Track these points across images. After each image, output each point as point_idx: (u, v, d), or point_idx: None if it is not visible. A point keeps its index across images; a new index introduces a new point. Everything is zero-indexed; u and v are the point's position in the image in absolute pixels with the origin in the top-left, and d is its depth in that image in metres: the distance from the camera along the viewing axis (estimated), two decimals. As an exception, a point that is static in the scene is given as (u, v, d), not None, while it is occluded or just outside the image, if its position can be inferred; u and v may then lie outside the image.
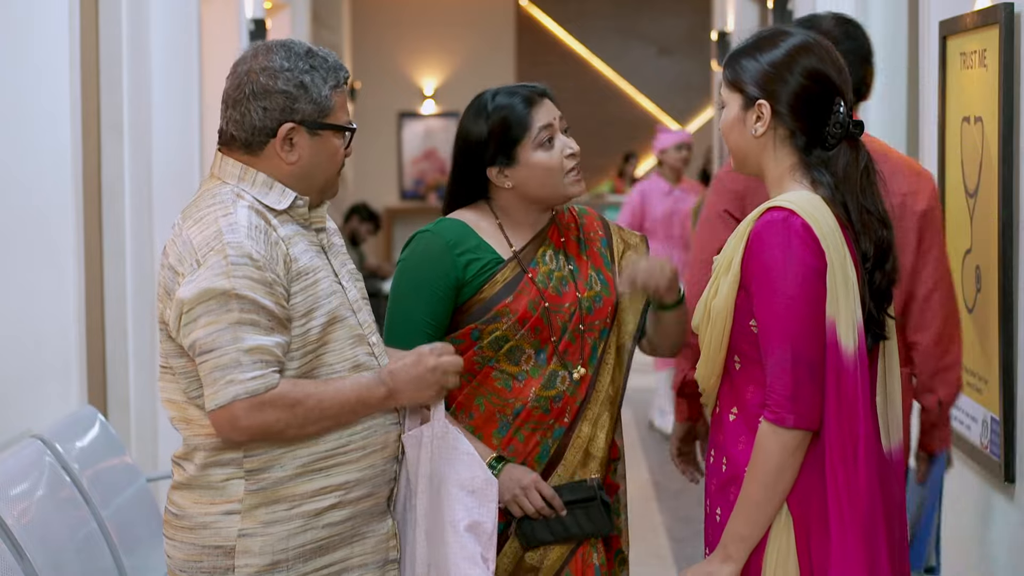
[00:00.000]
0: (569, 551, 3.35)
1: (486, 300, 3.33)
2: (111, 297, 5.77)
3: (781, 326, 2.80)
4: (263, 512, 2.89)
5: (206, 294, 2.79)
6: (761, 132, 2.90)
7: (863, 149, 2.92)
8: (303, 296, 2.89)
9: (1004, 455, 3.53)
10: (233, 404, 2.79)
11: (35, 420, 4.58)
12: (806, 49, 2.91)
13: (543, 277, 3.35)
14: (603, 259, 3.44)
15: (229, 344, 2.78)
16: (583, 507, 3.32)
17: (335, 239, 3.09)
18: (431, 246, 3.33)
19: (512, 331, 3.31)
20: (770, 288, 2.81)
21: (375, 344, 3.02)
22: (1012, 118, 3.45)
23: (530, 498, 3.29)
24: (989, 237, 3.57)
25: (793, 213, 2.82)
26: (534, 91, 3.36)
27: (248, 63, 2.93)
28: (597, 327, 3.37)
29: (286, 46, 2.94)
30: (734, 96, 2.95)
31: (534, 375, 3.33)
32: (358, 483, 2.95)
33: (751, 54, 2.93)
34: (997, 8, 3.50)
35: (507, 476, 3.29)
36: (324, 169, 2.97)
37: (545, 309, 3.32)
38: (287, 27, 10.97)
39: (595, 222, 3.50)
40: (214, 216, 2.86)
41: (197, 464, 2.91)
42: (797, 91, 2.88)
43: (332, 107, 2.93)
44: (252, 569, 2.88)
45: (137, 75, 5.91)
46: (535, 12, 16.38)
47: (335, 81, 2.94)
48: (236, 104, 2.93)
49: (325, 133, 2.94)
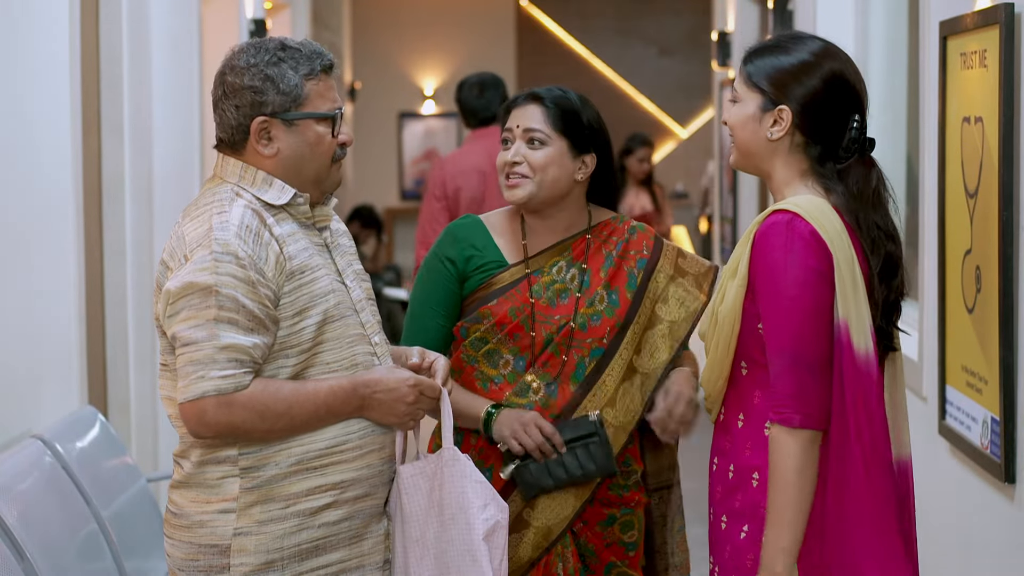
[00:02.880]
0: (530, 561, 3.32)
1: (478, 300, 3.39)
2: (111, 297, 5.77)
3: (782, 327, 2.80)
4: (258, 510, 2.89)
5: (189, 288, 2.82)
6: (778, 136, 2.89)
7: (876, 167, 2.91)
8: (297, 295, 2.90)
9: (1004, 455, 3.53)
10: (202, 400, 2.82)
11: (35, 420, 4.58)
12: (831, 55, 2.90)
13: (541, 286, 3.36)
14: (629, 279, 3.41)
15: (205, 340, 2.81)
16: (583, 444, 3.30)
17: (342, 240, 3.09)
18: (444, 238, 3.47)
19: (491, 334, 3.35)
20: (773, 289, 2.81)
21: (378, 344, 3.02)
22: (1012, 118, 3.45)
23: (530, 433, 3.29)
24: (989, 237, 3.56)
25: (797, 216, 2.81)
26: (526, 94, 3.46)
27: (221, 65, 2.97)
28: (588, 345, 3.36)
29: (256, 44, 2.96)
30: (752, 95, 2.91)
31: (510, 380, 3.36)
32: (354, 483, 2.95)
33: (775, 54, 2.90)
34: (997, 8, 3.50)
35: (506, 414, 3.31)
36: (309, 159, 2.97)
37: (528, 317, 3.33)
38: (287, 27, 10.97)
39: (647, 241, 3.46)
40: (209, 214, 2.89)
41: (193, 462, 2.93)
42: (819, 96, 2.86)
43: (305, 95, 2.93)
44: (247, 568, 2.88)
45: (137, 75, 5.91)
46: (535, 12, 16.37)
47: (309, 69, 2.93)
48: (216, 107, 2.97)
49: (303, 122, 2.94)
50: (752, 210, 9.23)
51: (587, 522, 3.39)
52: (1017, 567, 3.55)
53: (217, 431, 2.86)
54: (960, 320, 3.86)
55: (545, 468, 3.29)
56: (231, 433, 2.86)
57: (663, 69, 16.31)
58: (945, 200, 3.98)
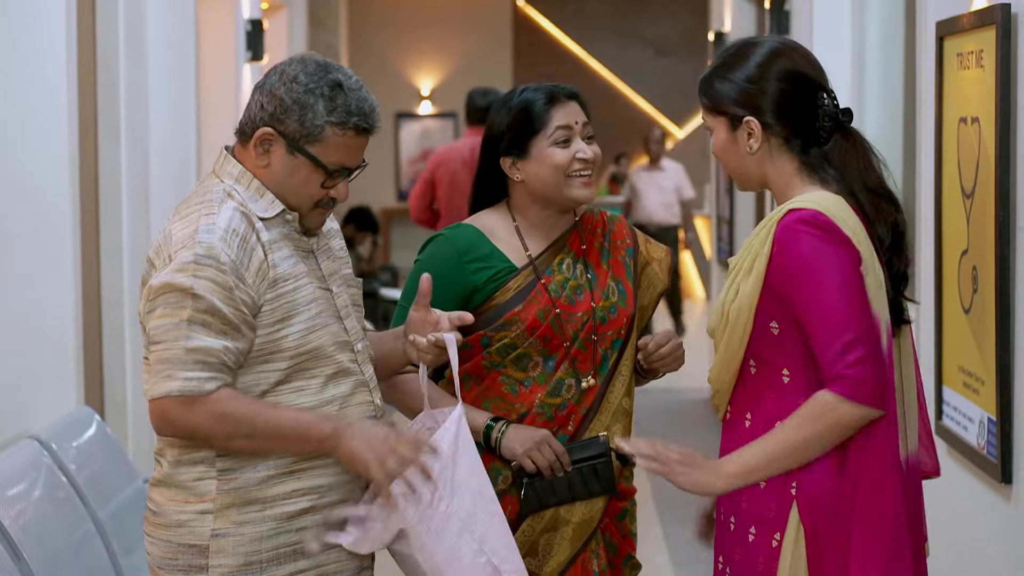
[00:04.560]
0: (570, 559, 3.34)
1: (497, 307, 3.34)
2: (108, 298, 5.78)
3: (834, 308, 2.74)
4: (235, 513, 2.89)
5: (167, 287, 2.83)
6: (756, 147, 2.89)
7: (856, 134, 2.91)
8: (279, 302, 2.89)
9: (1001, 456, 3.53)
10: (166, 399, 2.82)
11: (32, 421, 4.57)
12: (775, 55, 2.90)
13: (557, 285, 3.35)
14: (626, 268, 3.43)
15: (175, 340, 2.81)
16: (591, 464, 3.32)
17: (333, 242, 3.09)
18: (443, 251, 3.36)
19: (520, 339, 3.32)
20: (813, 282, 2.76)
21: (359, 351, 3.02)
22: (1009, 119, 3.45)
23: (543, 452, 3.28)
24: (986, 238, 3.57)
25: (819, 212, 2.79)
26: (561, 91, 3.39)
27: (281, 63, 2.98)
28: (609, 337, 3.37)
29: (322, 67, 2.93)
30: (718, 120, 2.93)
31: (540, 382, 3.34)
32: (332, 488, 2.94)
33: (723, 75, 2.92)
34: (994, 9, 3.50)
35: (517, 431, 3.30)
36: (291, 193, 2.95)
37: (556, 317, 3.32)
38: (284, 28, 10.96)
39: (625, 230, 3.49)
40: (198, 214, 2.89)
41: (169, 461, 2.93)
42: (779, 98, 2.87)
43: (322, 138, 2.90)
44: (226, 569, 2.88)
45: (134, 76, 5.91)
46: (532, 13, 16.38)
47: (341, 119, 2.90)
48: (253, 92, 2.97)
49: (302, 157, 2.92)
50: (749, 211, 9.22)
51: (609, 517, 3.41)
52: (1014, 567, 3.55)
53: (177, 431, 2.86)
54: (957, 320, 3.86)
55: (551, 486, 3.31)
56: (191, 435, 2.86)
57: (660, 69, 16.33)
58: (942, 200, 3.98)
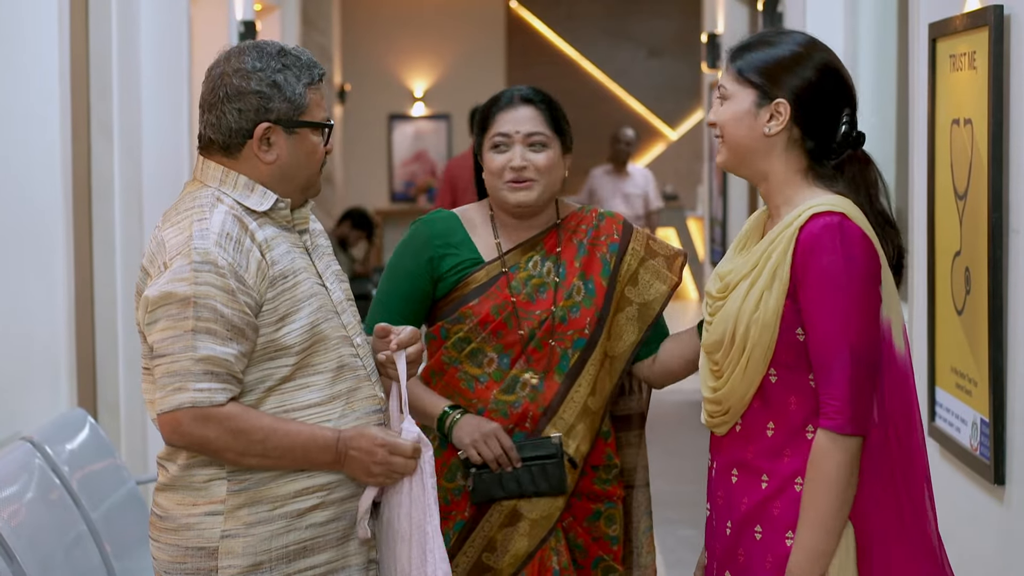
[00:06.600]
0: (527, 553, 3.35)
1: (457, 300, 3.39)
2: (100, 299, 5.77)
3: (844, 330, 2.72)
4: (245, 513, 2.89)
5: (167, 298, 2.82)
6: (775, 131, 2.82)
7: (871, 161, 2.88)
8: (280, 300, 2.89)
9: (994, 457, 3.53)
10: (178, 412, 2.82)
11: (25, 422, 4.57)
12: (819, 46, 2.86)
13: (519, 282, 3.37)
14: (602, 266, 3.42)
15: (182, 352, 2.81)
16: (541, 464, 3.33)
17: (320, 240, 3.09)
18: (416, 236, 3.44)
19: (474, 333, 3.36)
20: (832, 292, 2.72)
21: (360, 345, 3.03)
22: (1002, 120, 3.45)
23: (490, 445, 3.31)
24: (978, 239, 3.57)
25: (846, 217, 2.75)
26: (515, 95, 3.43)
27: (221, 66, 2.95)
28: (570, 337, 3.37)
29: (258, 47, 2.96)
30: (745, 90, 2.84)
31: (496, 378, 3.37)
32: (340, 483, 2.95)
33: (764, 48, 2.84)
34: (987, 10, 3.50)
35: (468, 421, 3.33)
36: (304, 167, 2.98)
37: (511, 314, 3.34)
38: (277, 29, 10.96)
39: (616, 226, 3.47)
40: (190, 220, 2.88)
41: (180, 465, 2.92)
42: (809, 86, 2.81)
43: (307, 104, 2.94)
44: (235, 570, 2.88)
45: (127, 77, 5.90)
46: (525, 14, 16.37)
47: (309, 78, 2.95)
48: (212, 108, 2.94)
49: (302, 131, 2.95)
50: (742, 212, 9.22)
51: (575, 517, 3.41)
52: (1007, 569, 3.56)
53: (189, 443, 2.86)
54: (950, 322, 3.86)
55: (499, 479, 3.33)
56: (203, 448, 2.86)
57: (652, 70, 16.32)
58: (934, 202, 3.99)
